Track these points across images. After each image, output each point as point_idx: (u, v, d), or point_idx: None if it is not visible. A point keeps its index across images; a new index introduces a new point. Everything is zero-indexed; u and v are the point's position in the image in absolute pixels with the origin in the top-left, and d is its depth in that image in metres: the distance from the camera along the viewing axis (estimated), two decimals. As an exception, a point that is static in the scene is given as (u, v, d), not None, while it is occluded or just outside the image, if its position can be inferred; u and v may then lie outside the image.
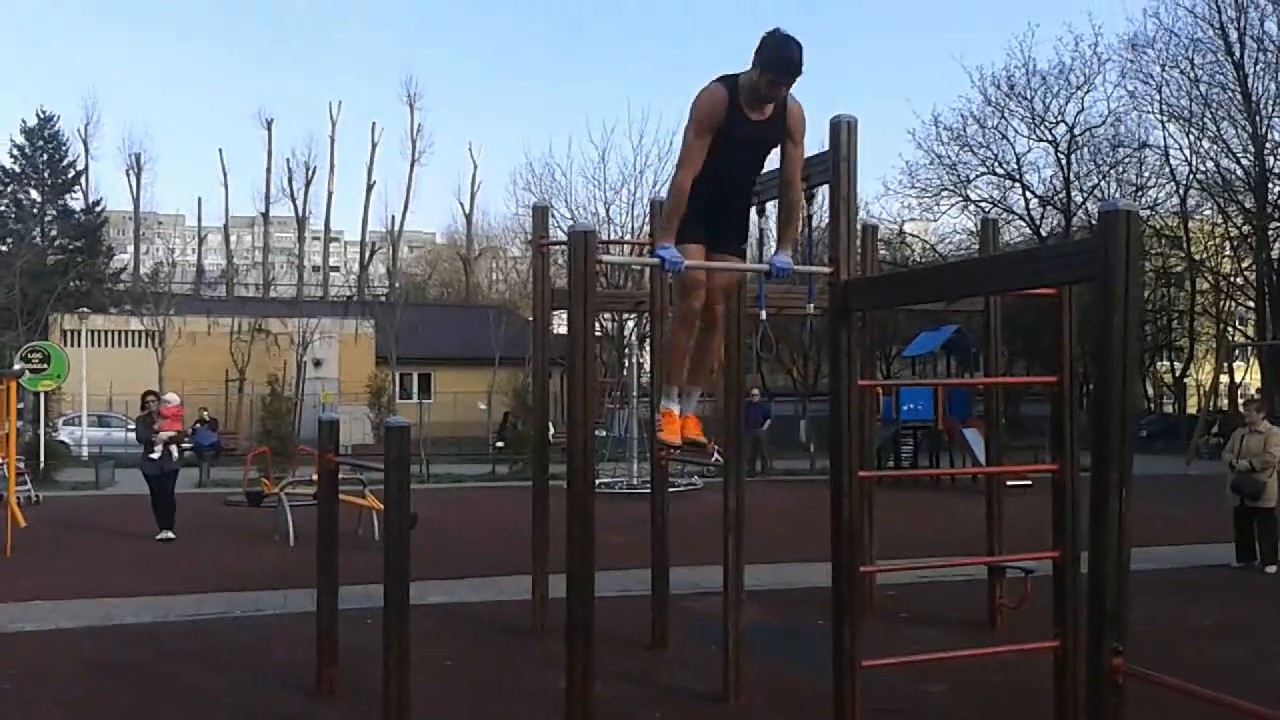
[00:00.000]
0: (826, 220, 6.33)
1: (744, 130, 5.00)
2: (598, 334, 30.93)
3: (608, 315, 32.66)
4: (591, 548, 5.12)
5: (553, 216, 17.50)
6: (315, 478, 13.60)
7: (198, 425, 29.80)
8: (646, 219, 34.87)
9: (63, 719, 6.42)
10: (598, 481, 6.28)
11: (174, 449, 14.43)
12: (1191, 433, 28.88)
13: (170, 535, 13.97)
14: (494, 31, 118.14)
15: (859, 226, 7.08)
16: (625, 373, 24.37)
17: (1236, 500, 11.69)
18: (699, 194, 5.08)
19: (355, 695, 6.77)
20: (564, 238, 14.37)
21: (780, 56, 4.82)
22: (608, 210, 37.59)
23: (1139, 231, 3.82)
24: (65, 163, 50.52)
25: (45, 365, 23.25)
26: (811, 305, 5.77)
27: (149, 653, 8.03)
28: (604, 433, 22.91)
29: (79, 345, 33.60)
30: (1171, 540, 12.30)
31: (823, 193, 5.76)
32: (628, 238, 34.76)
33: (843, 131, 5.21)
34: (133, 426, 33.60)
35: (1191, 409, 41.31)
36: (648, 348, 26.73)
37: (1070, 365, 5.80)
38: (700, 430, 5.83)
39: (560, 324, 18.80)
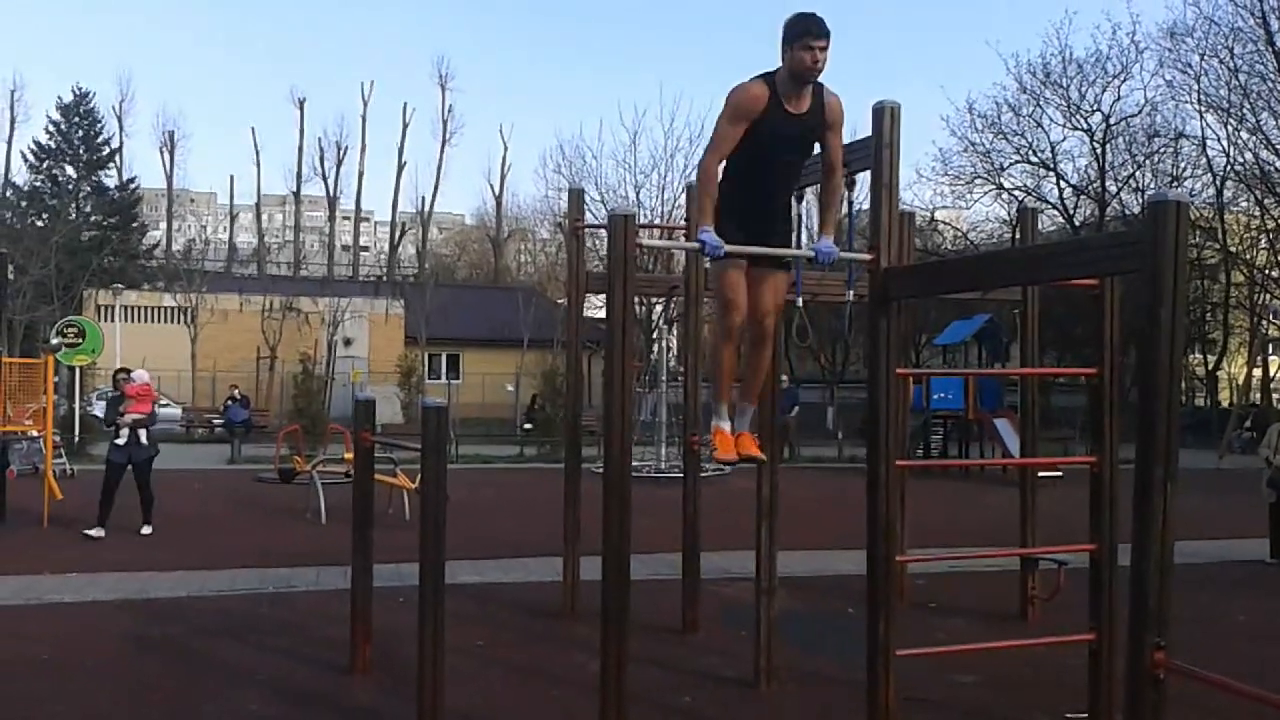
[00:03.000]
0: (865, 207, 6.31)
1: (785, 124, 4.96)
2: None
3: (637, 299, 32.62)
4: (627, 534, 5.12)
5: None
6: (347, 456, 13.74)
7: (229, 402, 30.01)
8: (677, 203, 35.03)
9: (99, 691, 6.49)
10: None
11: (142, 433, 12.58)
12: (1224, 427, 28.65)
13: (148, 529, 12.47)
14: (526, 13, 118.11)
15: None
16: (654, 356, 24.34)
17: (1273, 496, 11.59)
18: (743, 196, 5.06)
19: (388, 673, 6.82)
20: (595, 221, 14.35)
21: (803, 22, 4.82)
22: (638, 194, 37.55)
23: (1188, 224, 3.78)
24: (100, 139, 51.00)
25: (80, 340, 23.50)
26: (850, 292, 5.75)
27: (183, 627, 8.12)
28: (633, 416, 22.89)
29: (113, 321, 33.90)
30: (1204, 535, 12.18)
31: (862, 179, 5.71)
32: (658, 221, 34.71)
33: (886, 117, 5.16)
34: (164, 402, 33.89)
35: (1224, 402, 40.94)
36: (676, 331, 26.70)
37: (1111, 357, 5.75)
38: (756, 445, 5.65)
39: (590, 308, 18.83)
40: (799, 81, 4.92)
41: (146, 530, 12.48)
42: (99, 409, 29.49)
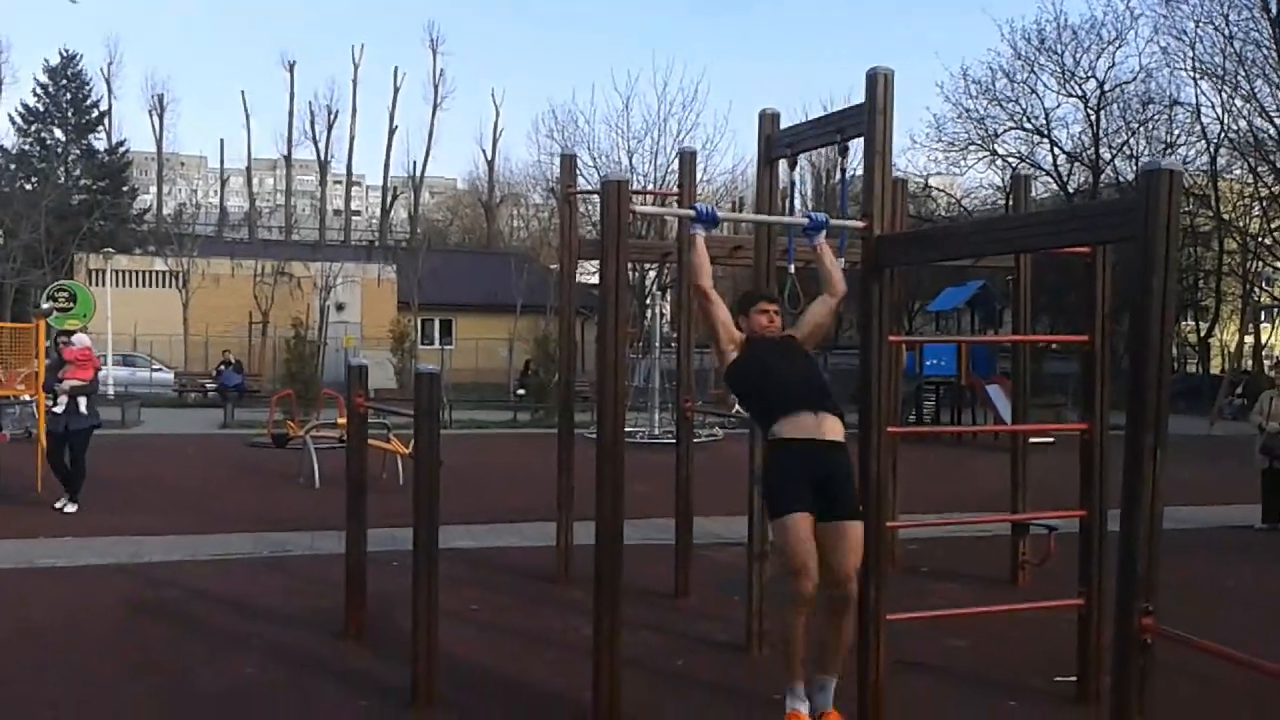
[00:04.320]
0: (859, 172, 6.30)
1: (768, 343, 5.16)
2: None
3: (630, 265, 32.58)
4: (621, 499, 5.14)
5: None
6: (340, 421, 13.75)
7: (222, 367, 30.03)
8: (670, 168, 34.87)
9: (95, 656, 6.52)
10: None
11: (82, 401, 11.54)
12: (1215, 394, 28.75)
13: (73, 507, 11.48)
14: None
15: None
16: (648, 322, 24.34)
17: (1265, 462, 11.65)
18: (761, 397, 5.15)
19: (382, 637, 6.85)
20: (588, 186, 14.24)
21: (744, 298, 5.29)
22: (630, 159, 37.47)
23: (1180, 192, 3.78)
24: (89, 102, 50.63)
25: (72, 304, 23.47)
26: (842, 259, 5.74)
27: (178, 592, 8.15)
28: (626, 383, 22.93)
29: (104, 285, 33.79)
30: (1195, 501, 12.26)
31: (856, 145, 5.69)
32: (650, 187, 34.60)
33: (879, 84, 5.14)
34: (157, 366, 33.71)
35: (1215, 370, 41.09)
36: (668, 297, 26.69)
37: (1103, 325, 5.76)
38: None
39: (584, 273, 18.80)
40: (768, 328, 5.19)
41: (70, 509, 11.40)
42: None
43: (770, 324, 5.14)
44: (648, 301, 29.32)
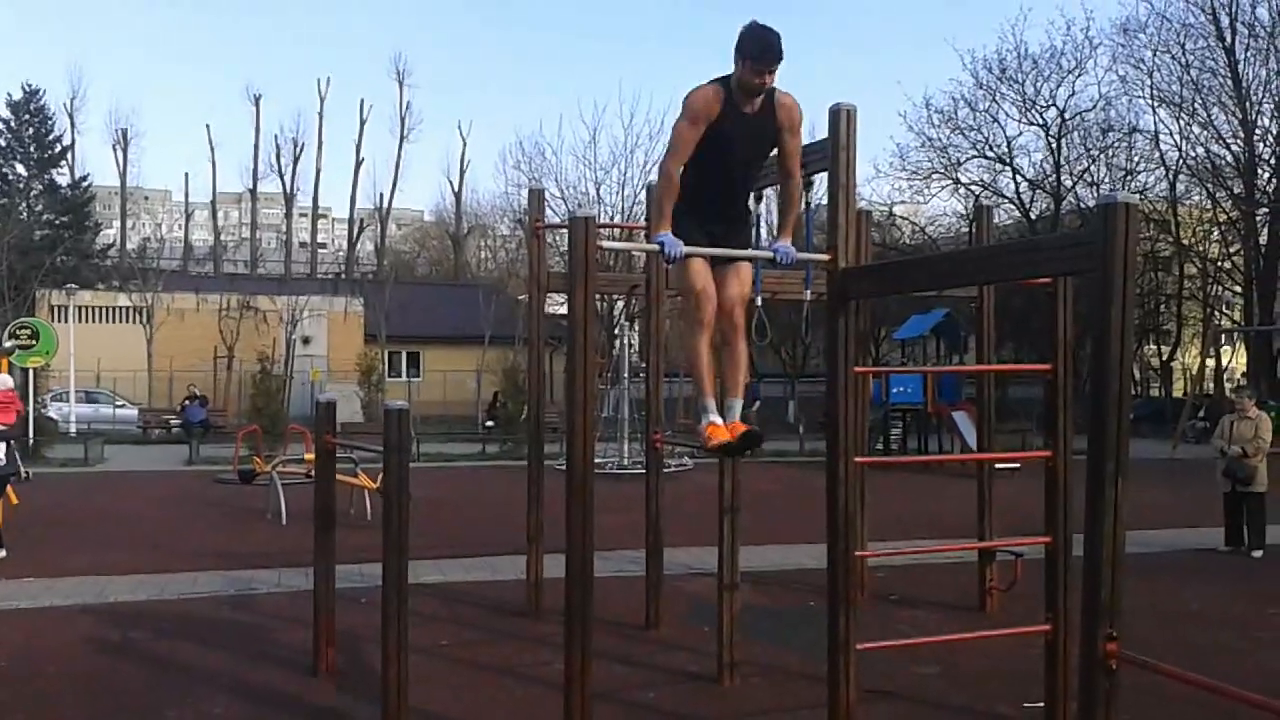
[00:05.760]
0: (824, 203, 6.37)
1: (740, 125, 4.99)
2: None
3: (598, 296, 32.63)
4: (591, 532, 5.15)
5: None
6: (308, 456, 13.67)
7: (187, 402, 29.73)
8: (638, 199, 35.05)
9: (61, 697, 6.44)
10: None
11: (1, 447, 11.08)
12: (1178, 417, 29.06)
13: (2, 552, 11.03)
14: (484, 9, 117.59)
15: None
16: (616, 353, 24.37)
17: (1227, 485, 11.78)
18: (702, 197, 5.09)
19: (352, 674, 6.82)
20: (555, 218, 14.26)
21: (759, 44, 4.83)
22: (598, 190, 37.55)
23: (1137, 224, 3.86)
24: (51, 137, 50.23)
25: (34, 341, 23.19)
26: (809, 291, 5.79)
27: (144, 631, 8.07)
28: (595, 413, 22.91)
29: (66, 321, 33.46)
30: (1158, 524, 12.39)
31: (820, 178, 5.76)
32: (618, 218, 34.72)
33: (842, 120, 5.22)
34: (120, 403, 33.35)
35: (1178, 393, 41.53)
36: (637, 327, 26.74)
37: (1065, 353, 5.85)
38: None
39: (552, 304, 18.81)
40: (749, 94, 4.96)
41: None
42: (54, 411, 29.24)
43: (762, 85, 4.89)
44: (616, 332, 29.34)
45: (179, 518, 14.32)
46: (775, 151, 5.23)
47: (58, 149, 50.82)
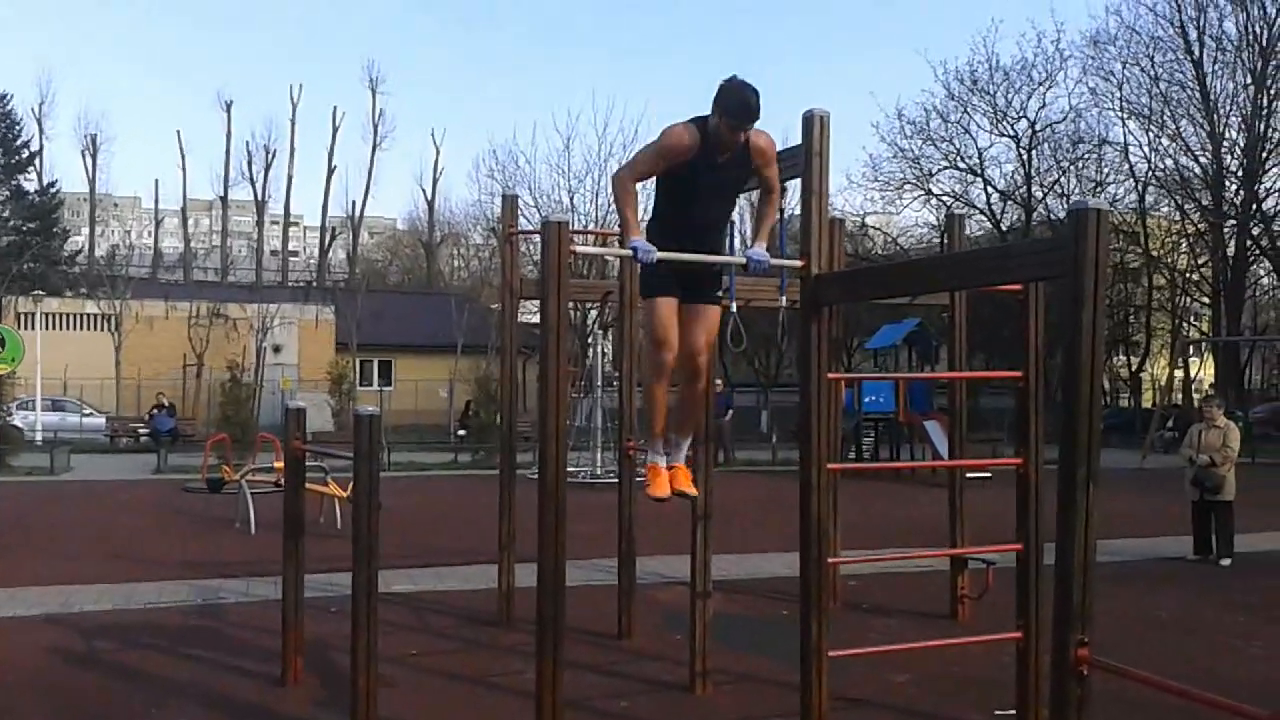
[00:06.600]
0: (797, 212, 6.37)
1: (711, 175, 5.00)
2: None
3: (571, 304, 32.57)
4: (562, 541, 5.11)
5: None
6: (277, 465, 13.56)
7: (155, 411, 29.48)
8: (611, 208, 35.02)
9: (25, 709, 6.34)
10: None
11: None
12: (1147, 427, 29.29)
13: None
14: (458, 16, 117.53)
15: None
16: (589, 361, 24.34)
17: (1196, 494, 11.86)
18: (677, 218, 5.10)
19: (321, 684, 6.75)
20: (529, 226, 14.25)
21: (737, 102, 4.83)
22: (572, 199, 37.53)
23: (1108, 230, 3.88)
24: (19, 142, 49.78)
25: (0, 349, 22.91)
26: (783, 298, 5.80)
27: (111, 641, 7.96)
28: (567, 422, 22.86)
29: (33, 329, 33.14)
30: (1127, 533, 12.46)
31: (793, 185, 5.76)
32: (592, 226, 34.70)
33: (815, 126, 5.23)
34: (87, 411, 33.03)
35: (1147, 403, 41.90)
36: (610, 336, 26.73)
37: (1036, 362, 5.86)
38: (690, 480, 5.63)
39: (525, 312, 18.79)
40: (723, 146, 4.95)
41: None
42: (19, 419, 28.89)
43: (737, 141, 4.90)
44: (589, 340, 29.30)
45: (146, 527, 14.17)
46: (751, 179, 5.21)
47: (25, 154, 50.38)
